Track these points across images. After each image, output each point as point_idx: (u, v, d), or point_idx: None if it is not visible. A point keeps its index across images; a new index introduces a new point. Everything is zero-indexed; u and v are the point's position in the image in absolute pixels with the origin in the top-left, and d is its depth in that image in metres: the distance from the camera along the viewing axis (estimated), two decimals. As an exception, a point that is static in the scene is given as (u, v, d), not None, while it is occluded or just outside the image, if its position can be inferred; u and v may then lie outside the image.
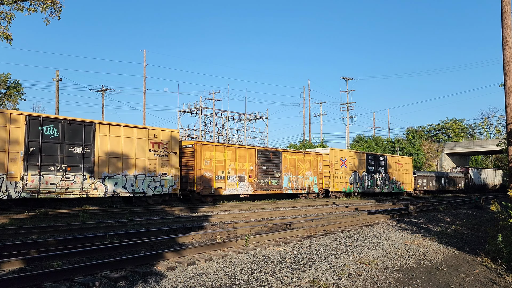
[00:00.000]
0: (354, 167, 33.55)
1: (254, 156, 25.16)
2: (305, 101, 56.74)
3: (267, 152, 26.28)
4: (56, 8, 13.89)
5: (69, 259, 6.87)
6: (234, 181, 23.76)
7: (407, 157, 43.33)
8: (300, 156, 28.71)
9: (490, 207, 10.47)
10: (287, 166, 27.39)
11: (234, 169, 23.82)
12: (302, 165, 28.60)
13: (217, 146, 23.23)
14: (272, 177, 26.19)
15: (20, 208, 16.95)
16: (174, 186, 20.62)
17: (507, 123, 10.77)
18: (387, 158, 38.30)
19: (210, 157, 22.64)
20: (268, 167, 25.95)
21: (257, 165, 25.17)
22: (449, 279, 6.56)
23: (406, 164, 41.21)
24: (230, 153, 23.78)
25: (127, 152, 18.97)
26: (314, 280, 5.87)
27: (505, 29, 10.75)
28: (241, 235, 9.77)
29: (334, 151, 31.99)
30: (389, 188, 37.80)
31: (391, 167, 38.53)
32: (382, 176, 37.11)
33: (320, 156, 30.55)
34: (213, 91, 48.91)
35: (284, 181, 27.11)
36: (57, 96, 37.32)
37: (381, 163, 37.24)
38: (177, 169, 20.87)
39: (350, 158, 33.41)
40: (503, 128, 71.40)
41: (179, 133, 21.21)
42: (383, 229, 11.76)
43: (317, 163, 29.98)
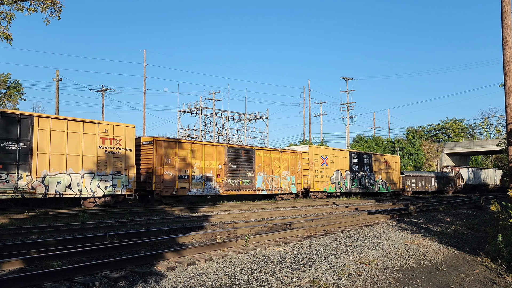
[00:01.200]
0: (336, 165, 31.97)
1: (223, 154, 23.44)
2: (305, 101, 56.75)
3: (238, 149, 24.56)
4: (56, 8, 13.87)
5: (69, 259, 6.87)
6: (199, 181, 22.09)
7: (395, 155, 41.65)
8: (276, 154, 26.98)
9: (490, 207, 10.48)
10: (261, 165, 25.61)
11: (200, 168, 22.13)
12: (278, 164, 26.90)
13: (180, 143, 21.60)
14: (243, 177, 24.45)
15: (20, 208, 16.95)
16: (128, 186, 19.00)
17: (507, 123, 10.77)
18: (373, 157, 36.57)
19: (172, 155, 20.97)
20: (239, 166, 24.25)
21: (227, 164, 23.49)
22: (449, 279, 6.56)
23: (393, 163, 39.51)
24: (195, 150, 22.14)
25: (73, 149, 17.25)
26: (314, 280, 5.87)
27: (505, 29, 10.75)
28: (241, 235, 9.77)
29: (313, 149, 30.36)
30: (374, 188, 36.08)
31: (377, 166, 36.83)
32: (367, 176, 35.49)
33: (299, 154, 28.83)
34: (213, 91, 48.93)
35: (258, 181, 25.34)
36: (57, 96, 37.32)
37: (366, 162, 35.52)
38: (132, 167, 19.27)
39: (331, 156, 31.71)
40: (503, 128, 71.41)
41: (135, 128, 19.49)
42: (383, 229, 11.76)
43: (295, 162, 28.21)
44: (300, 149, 30.20)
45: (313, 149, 30.15)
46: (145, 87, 41.47)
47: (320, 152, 30.76)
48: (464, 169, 51.79)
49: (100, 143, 18.24)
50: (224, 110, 51.51)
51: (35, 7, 13.62)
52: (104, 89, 43.97)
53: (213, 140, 48.38)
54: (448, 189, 47.86)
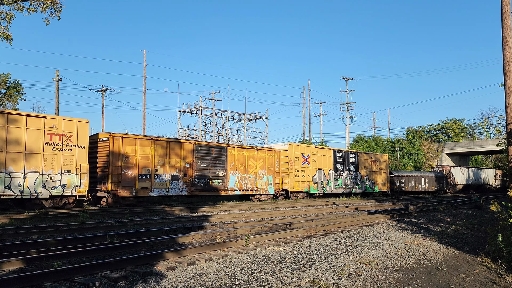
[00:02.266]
0: (319, 164, 30.43)
1: (191, 152, 22.00)
2: (305, 101, 56.75)
3: (207, 147, 23.03)
4: (56, 8, 13.89)
5: (69, 259, 6.87)
6: (164, 180, 20.58)
7: (383, 154, 39.96)
8: (251, 152, 25.31)
9: (490, 207, 10.47)
10: (234, 163, 24.06)
11: (164, 166, 20.67)
12: (254, 163, 25.26)
13: (142, 139, 20.08)
14: (214, 177, 22.93)
15: (20, 208, 16.94)
16: (80, 186, 17.42)
17: (507, 123, 10.77)
18: (359, 155, 35.11)
19: (132, 153, 19.43)
20: (209, 165, 22.73)
21: (195, 162, 22.02)
22: (449, 279, 6.56)
23: (381, 162, 37.89)
24: (159, 148, 20.63)
25: (14, 145, 15.70)
26: (314, 280, 5.87)
27: (505, 29, 10.75)
28: (241, 235, 9.77)
29: (294, 147, 28.68)
30: (360, 188, 34.49)
31: (364, 165, 35.33)
32: (353, 175, 33.87)
33: (277, 152, 27.19)
34: (213, 91, 48.97)
35: (231, 181, 23.81)
36: (57, 96, 37.33)
37: (352, 161, 33.96)
38: (85, 166, 17.70)
39: (313, 154, 30.08)
40: (503, 128, 71.43)
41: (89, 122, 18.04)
42: (383, 229, 11.76)
43: (273, 161, 26.59)
44: (278, 147, 28.79)
45: (293, 148, 28.63)
46: (145, 87, 41.48)
47: (301, 150, 29.24)
48: (456, 169, 50.38)
49: (47, 140, 16.63)
50: (224, 110, 51.56)
51: (35, 7, 13.63)
52: (104, 89, 43.99)
53: (213, 140, 48.39)
54: (439, 189, 46.54)
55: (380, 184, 37.17)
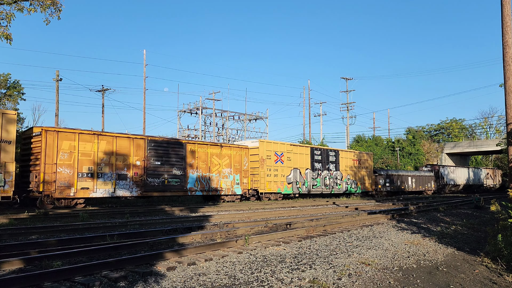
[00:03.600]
0: (294, 163, 28.60)
1: (143, 148, 20.11)
2: (305, 101, 56.78)
3: (162, 143, 21.17)
4: (56, 8, 13.88)
5: (69, 259, 6.87)
6: (109, 179, 18.66)
7: (367, 152, 38.15)
8: (215, 149, 23.45)
9: (490, 207, 10.48)
10: (195, 161, 22.21)
11: (110, 164, 18.81)
12: (217, 161, 23.39)
13: (82, 134, 18.08)
14: (170, 175, 21.04)
15: (20, 208, 16.95)
16: (4, 187, 15.68)
17: (507, 123, 10.78)
18: (340, 153, 33.37)
19: (70, 149, 17.57)
20: (164, 163, 20.88)
21: (147, 160, 20.20)
22: (449, 279, 6.56)
23: (364, 160, 35.98)
24: (104, 144, 18.77)
25: None
26: (314, 280, 5.87)
27: (505, 29, 10.75)
28: (241, 235, 9.77)
29: (265, 144, 26.81)
30: (341, 188, 32.78)
31: (345, 164, 33.60)
32: (333, 174, 32.01)
33: (245, 150, 25.23)
34: (213, 91, 48.99)
35: (190, 181, 21.93)
36: (57, 96, 37.34)
37: (332, 159, 32.18)
38: (11, 164, 15.91)
39: (288, 152, 28.21)
40: (503, 128, 71.45)
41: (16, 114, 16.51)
42: (383, 229, 11.76)
43: (240, 159, 24.67)
44: (247, 144, 26.83)
45: (264, 144, 26.74)
46: (145, 87, 41.49)
47: (273, 147, 27.31)
48: (446, 168, 48.55)
49: None
50: (224, 110, 51.58)
51: (35, 7, 13.61)
52: (104, 89, 43.99)
53: (213, 141, 48.40)
54: (427, 189, 44.50)
55: (363, 184, 35.47)
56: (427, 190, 44.49)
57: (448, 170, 48.26)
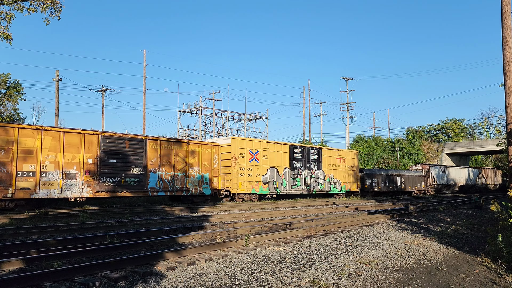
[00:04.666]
0: (271, 162, 26.96)
1: (95, 145, 18.39)
2: (305, 101, 56.84)
3: (119, 139, 19.34)
4: (56, 8, 13.88)
5: (69, 259, 6.87)
6: (55, 179, 17.05)
7: (352, 150, 36.37)
8: (180, 146, 21.91)
9: (490, 207, 10.48)
10: (157, 159, 20.57)
11: (56, 162, 17.14)
12: (183, 159, 21.78)
13: (22, 129, 16.43)
14: (128, 175, 19.39)
15: (20, 208, 16.95)
16: None
17: (507, 123, 10.78)
18: (322, 152, 31.64)
19: (7, 145, 15.98)
20: (121, 161, 19.19)
21: (101, 158, 18.50)
22: (449, 279, 6.56)
23: (349, 159, 34.32)
24: (49, 139, 17.09)
25: None
26: (314, 280, 5.87)
27: (505, 29, 10.76)
28: (241, 235, 9.77)
29: (238, 142, 25.15)
30: (324, 188, 31.15)
31: (328, 162, 31.96)
32: (314, 174, 30.37)
33: (215, 147, 23.56)
34: (213, 91, 49.00)
35: (151, 180, 20.30)
36: (57, 96, 37.34)
37: (313, 158, 30.49)
38: None
39: (264, 150, 26.54)
40: (503, 128, 71.47)
41: None
42: (383, 229, 11.77)
43: (210, 157, 23.02)
44: (218, 141, 25.26)
45: (237, 142, 25.07)
46: (145, 87, 41.51)
47: (248, 145, 25.62)
48: (436, 168, 46.80)
49: None
50: (224, 110, 51.58)
51: (35, 7, 13.62)
52: (104, 89, 44.01)
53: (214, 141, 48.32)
54: (416, 189, 42.87)
55: (348, 184, 33.78)
56: (416, 190, 43.02)
57: (439, 170, 46.86)
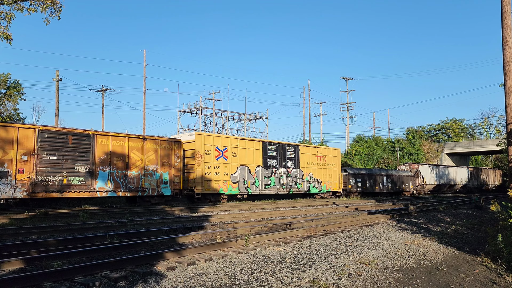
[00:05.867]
0: (241, 160, 25.26)
1: (32, 140, 16.84)
2: (305, 101, 56.86)
3: (61, 134, 17.66)
4: (56, 8, 13.88)
5: (69, 259, 6.87)
6: None
7: (333, 148, 34.36)
8: (135, 142, 20.09)
9: (490, 207, 10.48)
10: (107, 156, 18.92)
11: None
12: (139, 156, 20.09)
13: None
14: (72, 173, 17.76)
15: (20, 208, 16.95)
16: None
17: (507, 123, 10.78)
18: (300, 149, 29.86)
19: None
20: (63, 158, 17.49)
21: (39, 154, 16.97)
22: (449, 279, 6.56)
23: (330, 157, 32.56)
24: None
25: None
26: (314, 280, 5.87)
27: (505, 29, 10.76)
28: (241, 235, 9.77)
29: (203, 138, 23.34)
30: (302, 187, 29.49)
31: (307, 160, 30.22)
32: (291, 173, 28.67)
33: (178, 144, 21.95)
34: (213, 91, 48.98)
35: (100, 179, 18.72)
36: (57, 96, 37.34)
37: (290, 155, 28.81)
38: None
39: (234, 147, 24.84)
40: (503, 128, 71.46)
41: None
42: (383, 229, 11.77)
43: (170, 154, 21.38)
44: (180, 137, 23.63)
45: (202, 138, 23.28)
46: (145, 87, 41.52)
47: (215, 141, 23.96)
48: (425, 167, 45.34)
49: None
50: (224, 110, 51.55)
51: (35, 7, 13.62)
52: (104, 89, 44.01)
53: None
54: (404, 189, 41.31)
55: (329, 183, 32.10)
56: (404, 190, 41.47)
57: (428, 170, 45.41)
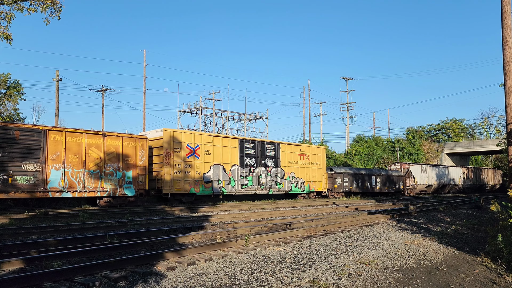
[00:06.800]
0: (215, 158, 23.89)
1: None
2: (305, 101, 56.86)
3: (5, 129, 16.30)
4: (56, 8, 13.88)
5: (69, 259, 6.87)
6: None
7: (317, 146, 32.87)
8: (94, 139, 18.60)
9: (490, 207, 10.48)
10: (61, 153, 17.43)
11: None
12: (98, 154, 18.61)
13: None
14: (19, 171, 16.41)
15: (20, 208, 16.95)
16: None
17: (507, 123, 10.78)
18: (281, 147, 28.33)
19: None
20: (8, 155, 16.17)
21: None
22: (449, 279, 6.56)
23: (314, 156, 31.04)
24: None
25: None
26: (314, 280, 5.87)
27: (505, 29, 10.75)
28: (241, 235, 9.77)
29: (173, 134, 21.85)
30: (283, 187, 28.11)
31: (289, 159, 28.83)
32: (271, 172, 27.23)
33: (143, 141, 20.38)
34: (213, 91, 48.98)
35: (53, 178, 17.19)
36: (57, 96, 37.34)
37: (270, 154, 27.37)
38: None
39: (207, 145, 23.47)
40: (503, 128, 71.51)
41: None
42: (383, 229, 11.77)
43: (134, 151, 19.84)
44: (150, 134, 22.44)
45: (171, 135, 21.78)
46: (145, 87, 41.52)
47: (186, 139, 22.46)
48: (416, 167, 44.25)
49: None
50: (224, 110, 51.54)
51: (35, 7, 13.62)
52: (104, 89, 44.00)
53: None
54: (395, 190, 40.13)
55: (313, 183, 30.69)
56: (394, 191, 40.33)
57: (419, 169, 44.36)
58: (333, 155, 54.13)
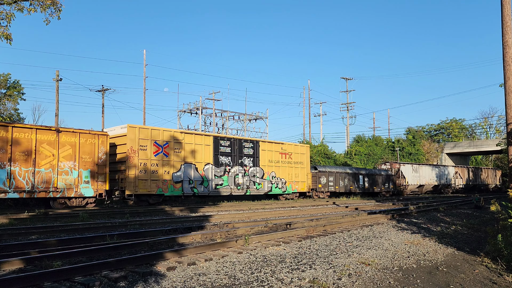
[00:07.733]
0: (186, 156, 22.43)
1: None
2: (305, 101, 56.87)
3: None
4: (56, 8, 13.87)
5: (69, 259, 6.87)
6: None
7: (300, 145, 31.65)
8: (47, 135, 17.29)
9: (490, 207, 10.48)
10: (5, 151, 16.14)
11: None
12: (51, 151, 17.32)
13: None
14: None
15: (20, 208, 16.96)
16: None
17: (507, 123, 10.78)
18: (260, 145, 26.82)
19: None
20: None
21: None
22: (449, 279, 6.56)
23: (297, 154, 29.66)
24: None
25: None
26: (314, 280, 5.87)
27: (505, 29, 10.76)
28: (241, 235, 9.77)
29: (138, 131, 20.36)
30: (262, 188, 26.63)
31: (269, 158, 27.33)
32: (249, 171, 25.85)
33: (103, 137, 19.13)
34: (213, 91, 48.99)
35: None
36: (57, 96, 37.34)
37: (247, 152, 25.94)
38: None
39: (176, 142, 22.01)
40: (503, 128, 71.52)
41: None
42: (383, 229, 11.77)
43: (92, 149, 18.60)
44: (115, 130, 21.14)
45: (137, 131, 20.31)
46: (145, 87, 41.52)
47: (153, 135, 21.00)
48: (407, 166, 42.71)
49: None
50: (224, 110, 51.54)
51: (35, 7, 13.61)
52: (104, 89, 44.00)
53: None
54: (383, 190, 38.68)
55: (295, 183, 29.27)
56: (383, 191, 38.83)
57: (410, 169, 42.97)
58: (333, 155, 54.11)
